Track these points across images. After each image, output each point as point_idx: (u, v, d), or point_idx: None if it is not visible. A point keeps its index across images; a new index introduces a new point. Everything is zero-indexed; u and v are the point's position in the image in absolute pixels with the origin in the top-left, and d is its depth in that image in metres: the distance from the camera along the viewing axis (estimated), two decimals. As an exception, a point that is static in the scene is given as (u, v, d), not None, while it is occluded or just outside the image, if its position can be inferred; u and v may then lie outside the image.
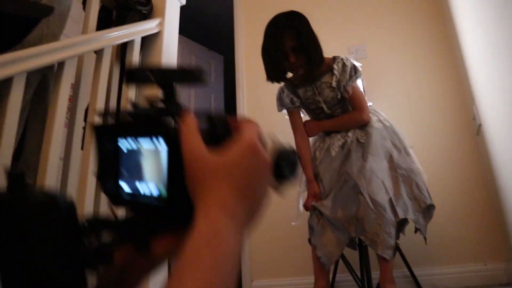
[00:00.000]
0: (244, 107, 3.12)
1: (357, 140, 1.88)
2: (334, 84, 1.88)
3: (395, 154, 1.84)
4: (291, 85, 2.02)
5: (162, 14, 1.72)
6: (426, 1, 2.82)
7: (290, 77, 2.02)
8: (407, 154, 1.88)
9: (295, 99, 2.02)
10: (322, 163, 1.96)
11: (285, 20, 1.84)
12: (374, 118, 1.95)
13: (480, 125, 2.24)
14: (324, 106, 1.94)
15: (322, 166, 1.95)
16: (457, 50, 2.50)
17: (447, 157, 2.47)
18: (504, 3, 1.49)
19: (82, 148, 1.34)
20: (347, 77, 1.86)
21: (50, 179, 1.15)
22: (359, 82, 1.96)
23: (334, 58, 1.92)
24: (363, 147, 1.85)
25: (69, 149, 1.29)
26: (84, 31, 1.45)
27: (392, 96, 2.70)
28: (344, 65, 1.88)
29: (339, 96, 1.89)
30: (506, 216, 2.06)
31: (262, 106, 3.02)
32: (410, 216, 1.74)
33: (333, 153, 1.92)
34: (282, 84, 2.05)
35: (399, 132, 1.97)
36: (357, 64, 1.94)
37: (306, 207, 1.92)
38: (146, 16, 1.67)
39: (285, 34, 1.80)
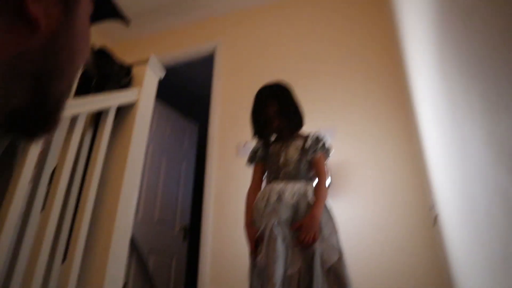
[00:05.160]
0: (212, 177, 3.15)
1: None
2: (307, 145, 2.03)
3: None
4: (268, 143, 2.19)
5: (140, 84, 1.79)
6: (390, 96, 2.99)
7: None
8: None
9: (262, 152, 2.16)
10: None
11: (269, 89, 2.14)
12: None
13: (436, 216, 2.30)
14: (282, 158, 2.05)
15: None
16: (417, 143, 2.63)
17: (402, 248, 2.48)
18: (454, 103, 1.62)
19: (42, 210, 1.33)
20: (319, 146, 2.03)
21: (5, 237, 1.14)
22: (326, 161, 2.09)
23: (314, 132, 2.10)
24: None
25: (29, 209, 1.28)
26: (62, 96, 1.49)
27: (352, 184, 2.78)
28: (318, 138, 2.06)
29: (298, 158, 2.02)
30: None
31: (231, 176, 3.06)
32: None
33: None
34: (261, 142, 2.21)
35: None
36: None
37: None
38: (124, 86, 1.74)
39: (268, 101, 2.09)
